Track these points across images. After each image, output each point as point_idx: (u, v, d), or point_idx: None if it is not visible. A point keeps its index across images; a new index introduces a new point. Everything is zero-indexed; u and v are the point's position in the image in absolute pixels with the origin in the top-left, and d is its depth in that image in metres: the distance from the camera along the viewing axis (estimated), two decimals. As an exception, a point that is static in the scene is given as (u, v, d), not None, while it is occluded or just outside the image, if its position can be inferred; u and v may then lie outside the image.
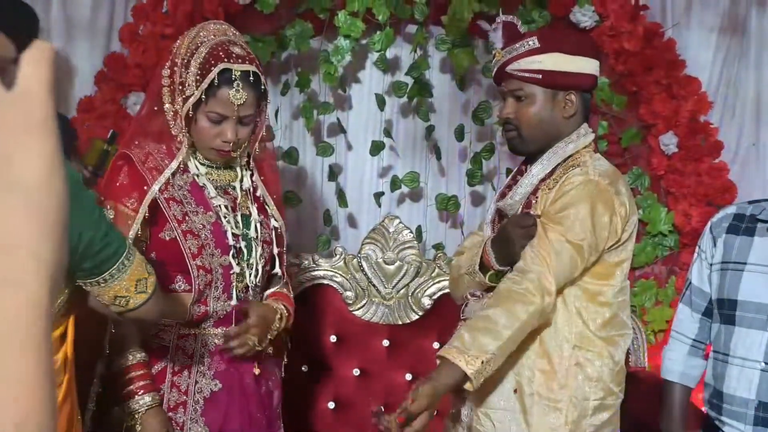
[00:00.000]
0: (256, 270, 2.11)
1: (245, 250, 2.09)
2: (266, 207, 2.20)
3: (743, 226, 2.14)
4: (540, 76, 2.05)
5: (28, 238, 0.46)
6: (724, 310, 2.13)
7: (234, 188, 2.12)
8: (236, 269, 2.07)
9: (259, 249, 2.13)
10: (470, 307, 2.13)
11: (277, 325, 2.15)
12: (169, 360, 2.04)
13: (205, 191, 2.06)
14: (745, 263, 2.10)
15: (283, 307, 2.19)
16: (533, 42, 2.05)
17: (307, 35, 3.05)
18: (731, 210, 2.22)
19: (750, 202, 2.23)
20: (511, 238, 2.03)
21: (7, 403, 0.44)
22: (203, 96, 1.95)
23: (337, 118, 3.19)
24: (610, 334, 2.07)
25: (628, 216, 2.04)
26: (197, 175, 2.05)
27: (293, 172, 3.24)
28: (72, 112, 3.02)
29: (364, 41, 3.10)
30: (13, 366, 0.44)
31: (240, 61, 1.97)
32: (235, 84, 1.95)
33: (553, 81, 2.06)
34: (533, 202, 2.07)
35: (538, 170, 2.08)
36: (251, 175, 2.15)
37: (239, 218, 2.10)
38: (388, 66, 3.17)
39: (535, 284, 1.92)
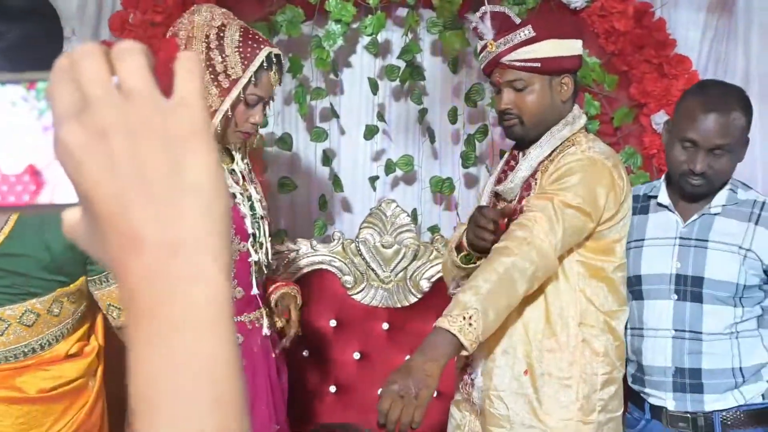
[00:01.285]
0: (266, 249, 2.13)
1: (257, 232, 2.11)
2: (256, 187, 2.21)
3: (639, 205, 2.28)
4: (539, 65, 2.08)
5: (207, 238, 0.50)
6: (633, 287, 2.24)
7: (233, 171, 2.13)
8: (254, 257, 2.09)
9: (266, 227, 2.15)
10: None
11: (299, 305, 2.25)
12: None
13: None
14: (643, 239, 2.24)
15: (295, 287, 2.28)
16: (528, 31, 2.07)
17: (298, 20, 3.04)
18: None
19: (644, 183, 2.42)
20: (469, 225, 2.06)
21: (202, 392, 0.48)
22: (252, 78, 1.99)
23: (330, 103, 3.19)
24: (612, 309, 2.11)
25: (625, 192, 2.08)
26: None
27: (287, 157, 3.24)
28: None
29: (355, 25, 3.09)
30: (206, 356, 0.48)
31: (272, 45, 2.06)
32: (274, 67, 2.05)
33: (551, 67, 2.09)
34: (533, 184, 2.10)
35: (536, 153, 2.11)
36: (242, 158, 2.16)
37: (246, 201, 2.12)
38: (379, 50, 3.16)
39: (518, 241, 1.93)
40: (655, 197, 2.26)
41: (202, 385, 0.48)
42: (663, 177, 2.29)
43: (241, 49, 1.98)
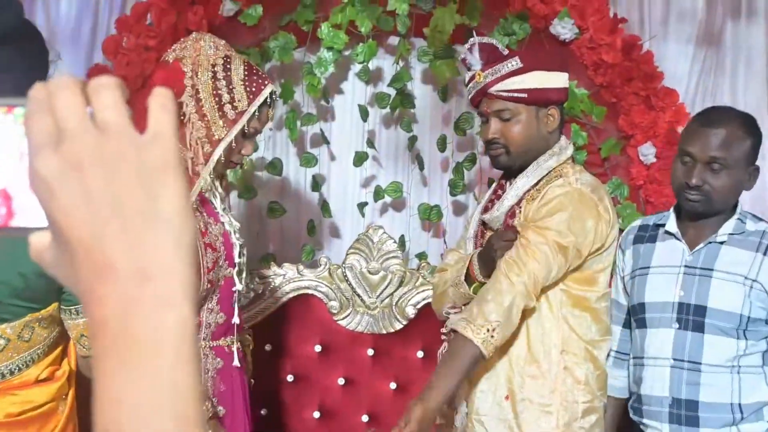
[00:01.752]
0: (243, 275, 2.14)
1: (241, 261, 2.13)
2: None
3: (647, 234, 2.28)
4: (525, 95, 2.11)
5: (177, 267, 0.51)
6: (637, 315, 2.23)
7: (219, 199, 2.15)
8: (239, 286, 2.11)
9: (244, 254, 2.16)
10: (452, 319, 2.17)
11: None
12: None
13: (211, 203, 2.09)
14: (649, 267, 2.22)
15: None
16: (516, 62, 2.10)
17: (291, 47, 3.06)
18: (636, 223, 2.38)
19: (655, 214, 2.40)
20: (495, 249, 2.08)
21: (168, 414, 0.49)
22: (256, 112, 2.05)
23: (321, 129, 3.21)
24: (594, 339, 2.12)
25: (611, 224, 2.10)
26: (206, 189, 2.06)
27: (277, 182, 3.26)
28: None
29: (347, 53, 3.12)
30: (170, 384, 0.50)
31: (272, 82, 2.14)
32: (273, 104, 2.12)
33: (537, 98, 2.11)
34: (517, 211, 2.12)
35: (522, 183, 2.13)
36: (223, 187, 2.19)
37: None
38: (370, 77, 3.19)
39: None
40: (664, 225, 2.24)
41: (167, 413, 0.49)
42: (673, 206, 2.28)
43: (247, 83, 2.03)
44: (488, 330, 1.96)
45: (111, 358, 0.50)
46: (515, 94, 2.11)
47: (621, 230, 2.95)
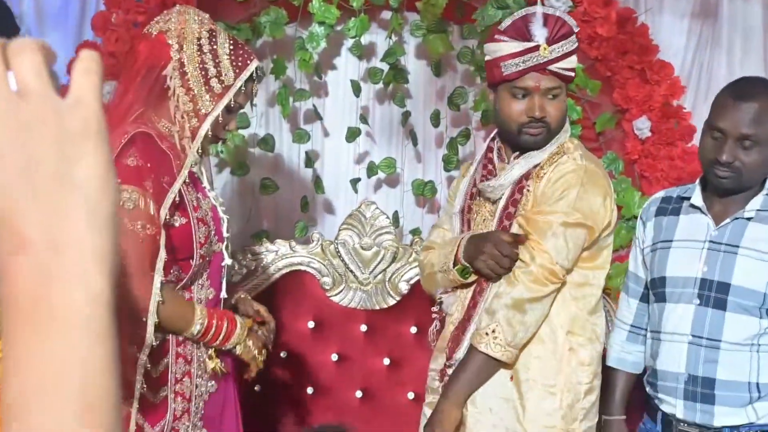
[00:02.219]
0: (229, 250, 2.13)
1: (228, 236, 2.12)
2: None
3: (670, 207, 2.22)
4: (573, 74, 2.09)
5: (92, 238, 0.50)
6: (656, 289, 2.18)
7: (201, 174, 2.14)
8: (227, 261, 2.09)
9: (230, 229, 2.15)
10: (446, 302, 2.16)
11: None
12: (170, 368, 1.99)
13: (198, 179, 2.07)
14: (671, 240, 2.17)
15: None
16: (574, 40, 2.06)
17: (282, 22, 3.03)
18: (660, 194, 2.31)
19: (679, 186, 2.33)
20: (481, 251, 2.05)
21: (75, 394, 0.47)
22: (242, 87, 2.02)
23: (313, 105, 3.18)
24: (597, 317, 2.11)
25: (613, 198, 2.10)
26: (193, 165, 2.03)
27: (269, 159, 3.24)
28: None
29: (339, 28, 3.09)
30: (80, 359, 0.48)
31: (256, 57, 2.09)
32: (258, 79, 2.09)
33: (572, 77, 2.11)
34: (525, 189, 2.07)
35: (535, 155, 2.09)
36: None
37: None
38: (363, 52, 3.16)
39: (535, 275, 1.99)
40: (689, 198, 2.18)
41: (74, 390, 0.48)
42: (698, 179, 2.21)
43: (233, 57, 2.00)
44: (488, 334, 1.98)
45: (20, 333, 0.48)
46: (568, 73, 2.07)
47: (616, 205, 2.98)
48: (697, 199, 2.16)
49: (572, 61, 2.06)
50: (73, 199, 0.50)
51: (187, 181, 1.97)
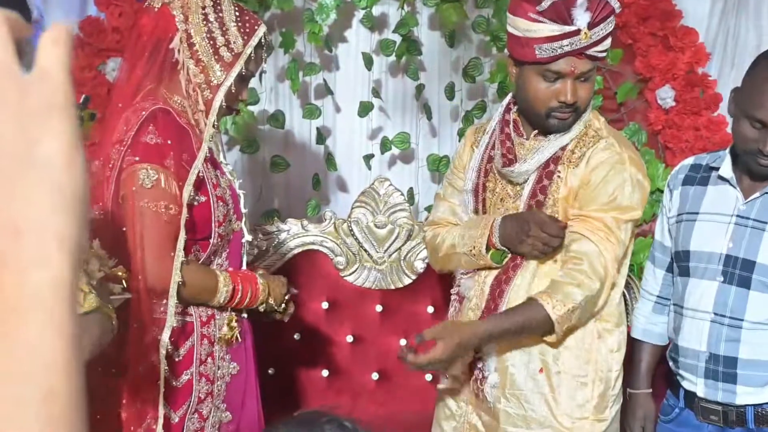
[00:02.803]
0: (247, 224, 2.08)
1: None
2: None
3: (699, 176, 2.12)
4: (605, 55, 1.99)
5: (52, 218, 0.47)
6: (680, 263, 2.11)
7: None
8: (247, 237, 2.06)
9: (246, 204, 2.11)
10: (464, 285, 2.07)
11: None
12: (195, 348, 1.95)
13: (215, 154, 2.03)
14: (697, 213, 2.08)
15: None
16: (612, 20, 1.94)
17: (290, -7, 2.95)
18: (689, 161, 2.20)
19: (710, 152, 2.21)
20: (526, 234, 1.94)
21: (33, 383, 0.45)
22: (252, 54, 1.97)
23: (324, 79, 3.11)
24: (621, 298, 2.04)
25: None
26: (210, 137, 1.98)
27: (280, 135, 3.17)
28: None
29: (349, -1, 3.01)
30: (39, 346, 0.45)
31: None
32: (266, 46, 2.04)
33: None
34: (555, 174, 1.97)
35: (564, 139, 1.98)
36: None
37: None
38: (375, 24, 3.08)
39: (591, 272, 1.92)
40: (717, 169, 2.07)
41: (33, 385, 0.45)
42: (728, 148, 2.09)
43: (239, 23, 1.95)
44: (570, 310, 1.87)
45: None
46: (603, 55, 1.98)
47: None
48: (727, 170, 2.05)
49: (608, 42, 1.95)
50: (35, 179, 0.47)
51: (207, 156, 1.93)
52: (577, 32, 1.87)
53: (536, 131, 2.01)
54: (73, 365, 0.46)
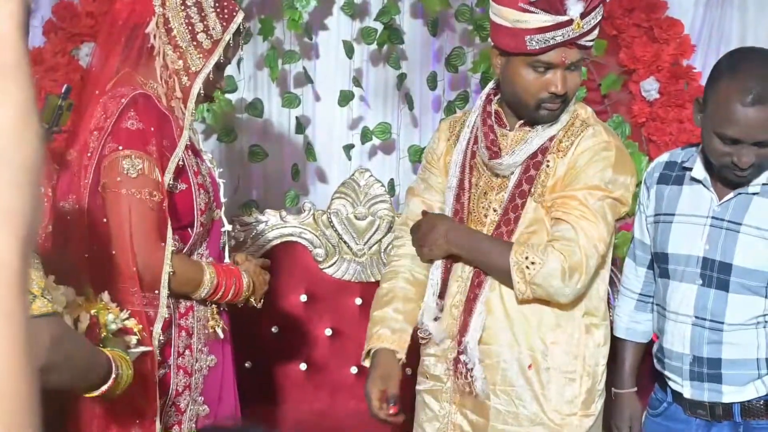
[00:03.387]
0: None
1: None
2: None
3: (673, 174, 2.09)
4: (593, 44, 1.94)
5: None
6: (660, 264, 2.09)
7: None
8: (228, 227, 2.02)
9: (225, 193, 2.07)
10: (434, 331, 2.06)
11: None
12: (173, 341, 1.91)
13: (194, 142, 1.99)
14: (674, 214, 2.05)
15: None
16: (601, 10, 1.89)
17: (270, -21, 2.90)
18: (663, 158, 2.17)
19: (684, 148, 2.16)
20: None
21: None
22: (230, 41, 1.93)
23: (304, 68, 3.07)
24: (605, 293, 2.00)
25: None
26: (188, 127, 1.93)
27: (258, 124, 3.12)
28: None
29: (330, -15, 2.96)
30: None
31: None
32: (244, 33, 2.02)
33: None
34: (543, 164, 1.93)
35: (552, 129, 1.94)
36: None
37: None
38: (356, 11, 3.04)
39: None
40: (690, 169, 2.03)
41: None
42: (699, 147, 2.04)
43: (218, 9, 1.91)
44: (531, 261, 1.85)
45: None
46: (592, 44, 1.94)
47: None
48: (699, 171, 2.01)
49: (597, 31, 1.91)
50: None
51: (187, 144, 1.89)
52: (570, 22, 1.82)
53: (522, 122, 1.96)
54: (20, 360, 0.42)
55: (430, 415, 2.07)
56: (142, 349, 1.68)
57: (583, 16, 1.82)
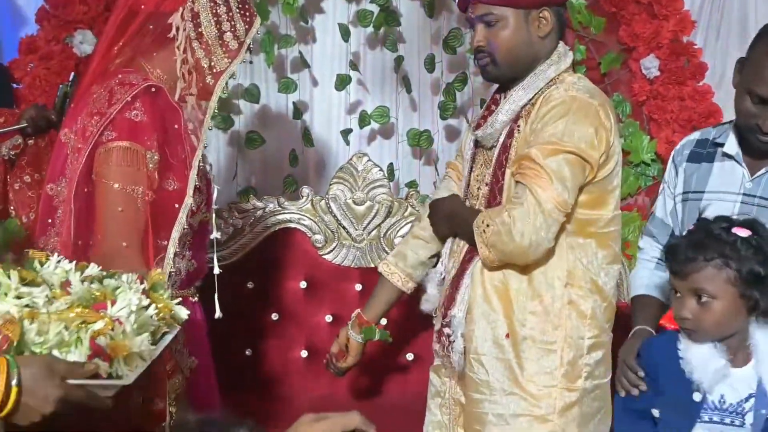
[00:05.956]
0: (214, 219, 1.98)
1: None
2: None
3: (705, 152, 2.05)
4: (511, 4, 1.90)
5: None
6: None
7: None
8: (216, 234, 1.94)
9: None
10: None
11: None
12: None
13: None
14: (703, 192, 2.02)
15: None
16: None
17: (264, -38, 2.87)
18: (694, 136, 2.13)
19: (717, 125, 2.13)
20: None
21: None
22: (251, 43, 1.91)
23: (300, 52, 3.04)
24: (601, 266, 1.94)
25: (613, 131, 1.90)
26: (189, 121, 1.87)
27: (255, 110, 3.10)
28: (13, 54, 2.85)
29: (324, -33, 2.93)
30: None
31: None
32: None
33: (526, 0, 1.90)
34: (515, 131, 1.92)
35: (519, 95, 1.93)
36: None
37: None
38: (351, -7, 3.01)
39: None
40: (722, 145, 2.01)
41: None
42: (732, 123, 2.02)
43: (242, 11, 1.88)
44: (487, 224, 1.87)
45: None
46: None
47: (623, 150, 2.80)
48: (732, 146, 1.99)
49: None
50: None
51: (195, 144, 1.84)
52: None
53: (502, 95, 1.99)
54: None
55: (433, 392, 2.11)
56: (121, 382, 1.27)
57: None
